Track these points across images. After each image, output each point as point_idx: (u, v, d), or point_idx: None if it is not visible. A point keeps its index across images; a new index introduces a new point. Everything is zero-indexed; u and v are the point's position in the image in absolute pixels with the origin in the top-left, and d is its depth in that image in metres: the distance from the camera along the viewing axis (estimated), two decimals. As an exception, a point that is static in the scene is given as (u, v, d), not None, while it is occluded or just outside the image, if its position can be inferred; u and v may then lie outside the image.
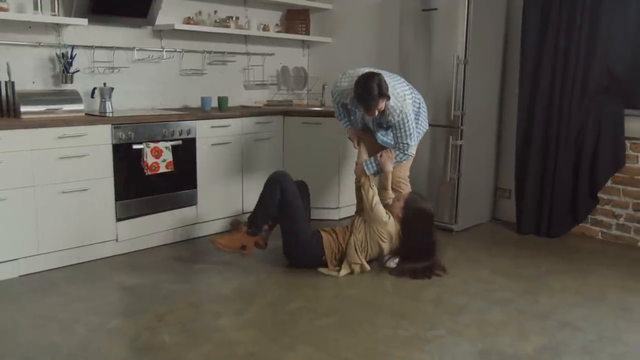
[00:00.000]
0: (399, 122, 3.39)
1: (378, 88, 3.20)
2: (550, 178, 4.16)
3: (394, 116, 3.37)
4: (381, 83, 3.22)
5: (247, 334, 2.63)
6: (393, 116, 3.37)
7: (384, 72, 3.39)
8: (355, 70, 3.45)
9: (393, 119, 3.38)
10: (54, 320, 2.75)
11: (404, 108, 3.36)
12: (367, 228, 3.40)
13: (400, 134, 3.44)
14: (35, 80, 3.68)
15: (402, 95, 3.39)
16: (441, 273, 3.42)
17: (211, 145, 4.02)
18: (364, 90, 3.24)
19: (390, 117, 3.38)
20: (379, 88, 3.20)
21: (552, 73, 4.07)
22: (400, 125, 3.40)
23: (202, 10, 4.43)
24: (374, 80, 3.21)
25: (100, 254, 3.57)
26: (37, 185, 3.24)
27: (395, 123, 3.39)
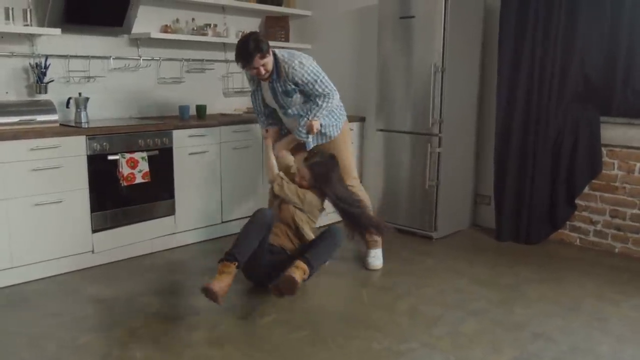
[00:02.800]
0: (308, 75, 3.32)
1: (254, 42, 3.19)
2: (529, 185, 4.17)
3: (302, 75, 3.31)
4: (258, 38, 3.23)
5: (220, 349, 2.61)
6: (297, 75, 3.31)
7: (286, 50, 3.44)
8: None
9: (302, 77, 3.32)
10: (24, 335, 2.71)
11: (309, 65, 3.34)
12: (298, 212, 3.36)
13: (314, 85, 3.35)
14: (8, 90, 3.64)
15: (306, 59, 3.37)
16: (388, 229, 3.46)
17: (189, 154, 3.99)
18: (240, 46, 3.26)
19: (296, 78, 3.32)
20: (255, 42, 3.19)
21: (529, 80, 4.09)
22: (311, 78, 3.33)
23: (179, 18, 4.40)
24: (250, 36, 3.25)
25: (75, 266, 3.53)
26: (9, 198, 3.20)
27: (304, 79, 3.32)
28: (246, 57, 3.24)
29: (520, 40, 4.08)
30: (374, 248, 3.74)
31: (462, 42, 4.20)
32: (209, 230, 4.22)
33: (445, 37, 4.04)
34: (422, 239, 4.35)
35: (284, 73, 3.33)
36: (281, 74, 3.34)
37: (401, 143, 4.38)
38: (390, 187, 4.52)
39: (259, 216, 3.08)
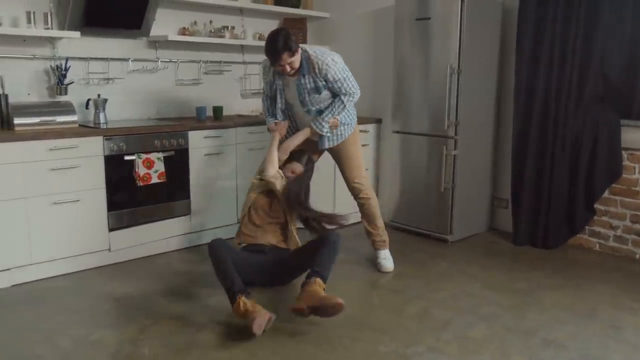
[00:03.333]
0: (340, 72, 3.33)
1: (283, 40, 3.15)
2: (546, 188, 4.11)
3: (335, 72, 3.31)
4: (288, 36, 3.18)
5: (226, 349, 2.64)
6: (330, 71, 3.30)
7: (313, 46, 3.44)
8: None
9: (334, 75, 3.32)
10: (40, 331, 2.79)
11: (340, 62, 3.35)
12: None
13: (343, 83, 3.36)
14: (30, 92, 3.74)
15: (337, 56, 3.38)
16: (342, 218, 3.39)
17: (204, 155, 4.04)
18: (269, 42, 3.23)
19: (328, 75, 3.31)
20: (284, 40, 3.15)
21: (547, 81, 4.03)
22: (342, 76, 3.34)
23: (197, 21, 4.46)
24: (279, 33, 3.21)
25: (92, 263, 3.61)
26: (28, 197, 3.29)
27: (336, 76, 3.32)
28: (274, 55, 3.21)
29: (539, 40, 4.01)
30: (382, 249, 3.74)
31: (479, 43, 4.15)
32: (225, 230, 4.25)
33: (461, 39, 4.00)
34: (437, 242, 4.32)
35: (316, 69, 3.30)
36: (312, 71, 3.32)
37: (417, 145, 4.36)
38: (406, 189, 4.50)
39: (216, 249, 3.00)
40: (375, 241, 3.73)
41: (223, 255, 2.96)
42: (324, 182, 4.46)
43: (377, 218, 3.72)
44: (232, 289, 2.83)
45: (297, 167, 3.45)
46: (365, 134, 4.67)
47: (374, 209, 3.70)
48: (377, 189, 4.93)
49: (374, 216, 3.71)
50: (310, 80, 3.35)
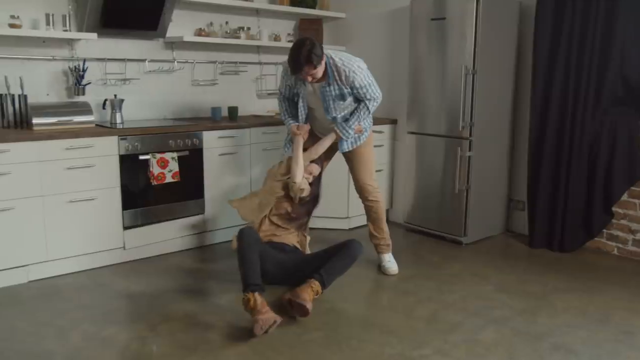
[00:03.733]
0: (365, 78, 3.33)
1: (306, 54, 3.09)
2: (563, 191, 4.04)
3: (361, 78, 3.31)
4: (311, 49, 3.10)
5: (233, 347, 2.67)
6: (356, 78, 3.30)
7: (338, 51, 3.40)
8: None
9: (361, 81, 3.31)
10: (53, 326, 2.85)
11: (365, 68, 3.36)
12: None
13: (368, 89, 3.36)
14: (49, 92, 3.83)
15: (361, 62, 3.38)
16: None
17: (219, 155, 4.08)
18: (292, 54, 3.18)
19: (355, 82, 3.30)
20: (307, 54, 3.09)
21: (564, 82, 3.96)
22: (367, 82, 3.34)
23: (213, 22, 4.50)
24: (303, 45, 3.12)
25: (107, 261, 3.68)
26: (45, 195, 3.36)
27: (362, 82, 3.31)
28: (295, 66, 3.19)
29: (556, 40, 3.95)
30: (386, 252, 3.74)
31: (496, 43, 4.10)
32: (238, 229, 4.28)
33: (476, 39, 3.96)
34: (451, 243, 4.29)
35: (342, 77, 3.28)
36: (338, 79, 3.30)
37: (431, 146, 4.33)
38: (420, 191, 4.47)
39: (246, 236, 3.09)
40: (379, 245, 3.72)
41: (252, 246, 3.05)
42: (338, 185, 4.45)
43: (383, 222, 3.72)
44: (248, 281, 2.88)
45: (315, 168, 3.49)
46: (381, 135, 4.66)
47: (381, 213, 3.70)
48: (391, 190, 4.91)
49: (380, 220, 3.70)
50: (336, 88, 3.34)
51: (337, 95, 3.36)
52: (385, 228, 3.75)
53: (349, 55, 3.38)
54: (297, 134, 3.46)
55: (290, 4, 4.82)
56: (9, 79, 3.58)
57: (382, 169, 4.76)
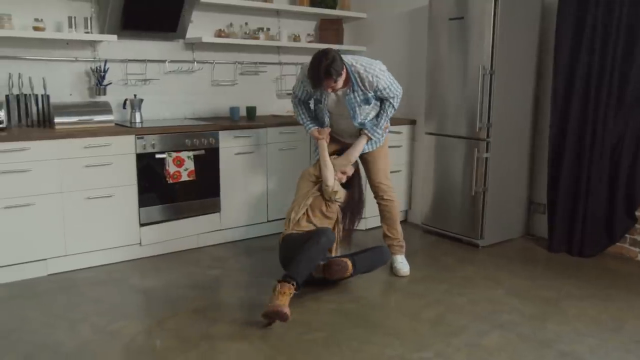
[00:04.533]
0: (387, 79, 3.38)
1: (325, 68, 3.11)
2: (584, 193, 3.93)
3: (384, 81, 3.36)
4: (331, 63, 3.12)
5: (234, 344, 2.70)
6: (380, 82, 3.34)
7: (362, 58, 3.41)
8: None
9: (384, 83, 3.36)
10: (65, 319, 2.95)
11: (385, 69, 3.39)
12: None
13: (391, 88, 3.40)
14: (72, 92, 3.96)
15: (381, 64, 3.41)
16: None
17: (234, 154, 4.13)
18: (312, 67, 3.20)
19: (379, 85, 3.35)
20: (326, 68, 3.12)
21: (586, 82, 3.86)
22: (389, 83, 3.39)
23: (233, 22, 4.56)
24: (323, 59, 3.13)
25: (124, 257, 3.78)
26: (64, 192, 3.48)
27: (385, 84, 3.36)
28: (314, 80, 3.22)
29: (578, 38, 3.85)
30: (399, 254, 3.72)
31: (515, 43, 4.02)
32: (255, 228, 4.34)
33: (494, 39, 3.90)
34: (468, 246, 4.23)
35: (366, 83, 3.32)
36: (361, 85, 3.34)
37: (449, 147, 4.28)
38: (438, 192, 4.43)
39: (325, 241, 3.11)
40: (392, 245, 3.71)
41: (324, 250, 3.12)
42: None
43: (397, 222, 3.71)
44: (291, 273, 2.96)
45: (349, 168, 3.54)
46: (399, 135, 4.63)
47: (395, 213, 3.70)
48: (410, 191, 4.88)
49: (394, 220, 3.70)
50: (360, 94, 3.38)
51: (362, 101, 3.40)
52: (399, 229, 3.74)
53: (369, 60, 3.40)
54: (320, 138, 3.50)
55: (310, 5, 4.84)
56: (33, 80, 3.73)
57: (400, 169, 4.73)
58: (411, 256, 4.02)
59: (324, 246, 3.12)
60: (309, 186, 3.47)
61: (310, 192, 3.43)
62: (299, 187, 3.52)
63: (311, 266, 3.07)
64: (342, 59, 3.22)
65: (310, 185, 3.47)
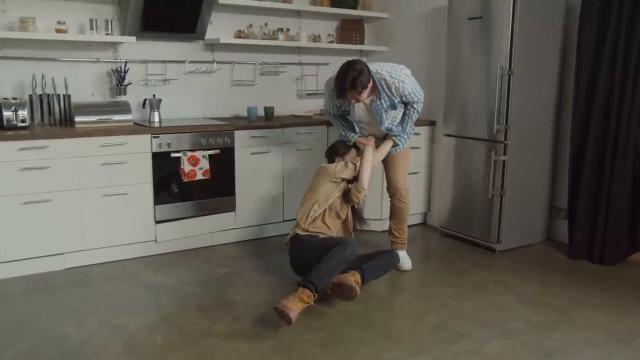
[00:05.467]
0: (412, 84, 3.42)
1: (351, 80, 3.18)
2: (605, 198, 3.80)
3: (410, 85, 3.41)
4: (357, 75, 3.18)
5: (233, 342, 2.74)
6: (406, 87, 3.39)
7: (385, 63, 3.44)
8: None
9: (409, 88, 3.41)
10: (75, 312, 3.05)
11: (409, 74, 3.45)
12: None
13: (415, 93, 3.45)
14: (94, 92, 4.08)
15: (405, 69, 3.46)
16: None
17: (250, 154, 4.18)
18: (338, 79, 3.26)
19: (405, 91, 3.40)
20: (352, 80, 3.18)
21: (609, 84, 3.72)
22: (413, 87, 3.43)
23: (253, 23, 4.60)
24: (349, 71, 3.20)
25: (139, 253, 3.88)
26: (81, 189, 3.59)
27: (410, 88, 3.41)
28: (340, 92, 3.30)
29: (602, 39, 3.72)
30: (402, 250, 3.79)
31: (536, 43, 3.92)
32: (271, 227, 4.38)
33: (513, 39, 3.80)
34: (485, 250, 4.15)
35: (393, 90, 3.38)
36: (387, 92, 3.39)
37: (466, 149, 4.21)
38: (456, 195, 4.36)
39: (350, 254, 3.09)
40: (396, 242, 3.80)
41: (345, 263, 3.08)
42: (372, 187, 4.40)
43: (405, 223, 3.77)
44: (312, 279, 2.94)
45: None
46: (418, 137, 4.58)
47: (407, 215, 3.75)
48: (428, 193, 4.81)
49: (404, 221, 3.75)
50: (386, 100, 3.44)
51: (388, 106, 3.47)
52: (406, 229, 3.80)
53: (393, 65, 3.46)
54: (368, 144, 3.56)
55: (330, 5, 4.83)
56: (55, 80, 3.87)
57: (419, 171, 4.68)
58: (425, 259, 3.99)
59: (349, 258, 3.10)
60: (330, 186, 3.45)
61: (333, 192, 3.42)
62: (317, 184, 3.49)
63: (332, 275, 3.05)
64: (369, 71, 3.28)
65: (331, 185, 3.45)
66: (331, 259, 3.01)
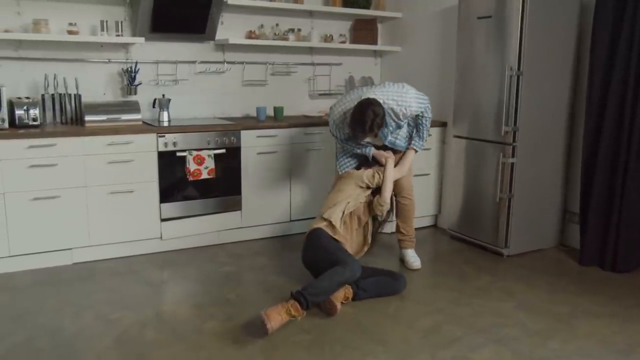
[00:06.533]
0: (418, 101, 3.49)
1: (370, 123, 3.26)
2: (618, 203, 3.66)
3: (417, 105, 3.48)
4: (375, 119, 3.26)
5: (220, 341, 2.75)
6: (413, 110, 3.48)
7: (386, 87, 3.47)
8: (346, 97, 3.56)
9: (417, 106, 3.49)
10: (74, 306, 3.13)
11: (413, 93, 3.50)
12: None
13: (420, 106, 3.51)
14: (105, 92, 4.19)
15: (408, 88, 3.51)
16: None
17: (257, 154, 4.20)
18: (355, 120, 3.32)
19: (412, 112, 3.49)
20: (371, 124, 3.26)
21: (623, 85, 3.58)
22: (419, 102, 3.49)
23: (265, 24, 4.63)
24: (366, 114, 3.26)
25: (144, 250, 3.95)
26: (88, 186, 3.69)
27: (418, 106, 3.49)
28: (359, 135, 3.39)
29: (616, 38, 3.58)
30: (411, 248, 3.84)
31: (548, 42, 3.80)
32: (277, 227, 4.39)
33: (523, 38, 3.70)
34: (492, 255, 4.05)
35: (400, 115, 3.46)
36: (394, 118, 3.47)
37: (475, 151, 4.12)
38: (464, 197, 4.27)
39: (349, 277, 3.08)
40: (405, 240, 3.85)
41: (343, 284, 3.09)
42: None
43: (412, 220, 3.85)
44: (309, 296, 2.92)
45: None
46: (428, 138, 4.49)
47: (413, 212, 3.83)
48: (439, 195, 4.73)
49: (410, 219, 3.83)
50: (393, 124, 3.53)
51: (394, 128, 3.57)
52: (413, 226, 3.85)
53: (396, 89, 3.50)
54: (389, 157, 3.58)
55: (342, 5, 4.81)
56: (67, 80, 3.98)
57: (429, 173, 4.61)
58: (430, 262, 3.94)
59: (347, 282, 3.11)
60: (356, 189, 3.48)
61: (359, 197, 3.46)
62: (344, 186, 3.51)
63: (328, 295, 3.03)
64: (384, 109, 3.33)
65: (358, 189, 3.48)
66: (329, 280, 3.02)
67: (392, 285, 3.34)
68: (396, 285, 3.35)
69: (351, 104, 3.43)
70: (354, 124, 3.34)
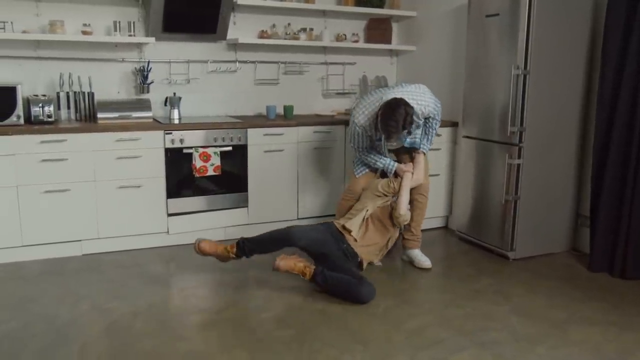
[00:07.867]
0: (433, 102, 3.57)
1: (403, 122, 3.29)
2: (628, 207, 3.51)
3: (433, 105, 3.57)
4: (407, 116, 3.30)
5: (202, 334, 2.81)
6: (431, 110, 3.56)
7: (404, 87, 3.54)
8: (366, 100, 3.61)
9: (433, 107, 3.57)
10: (75, 295, 3.26)
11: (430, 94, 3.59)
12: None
13: (434, 108, 3.58)
14: (119, 90, 4.33)
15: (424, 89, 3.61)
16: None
17: (264, 152, 4.25)
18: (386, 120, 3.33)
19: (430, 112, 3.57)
20: (404, 122, 3.30)
21: (635, 85, 3.44)
22: (434, 103, 3.58)
23: (277, 23, 4.67)
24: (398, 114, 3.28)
25: (151, 244, 4.06)
26: (97, 180, 3.83)
27: (434, 108, 3.58)
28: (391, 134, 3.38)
29: (627, 37, 3.44)
30: (417, 248, 3.83)
31: (557, 41, 3.69)
32: (284, 225, 4.40)
33: (530, 37, 3.61)
34: (498, 258, 3.97)
35: (420, 114, 3.51)
36: (415, 118, 3.48)
37: (483, 152, 4.05)
38: (473, 199, 4.20)
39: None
40: (412, 241, 3.84)
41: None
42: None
43: (423, 219, 3.86)
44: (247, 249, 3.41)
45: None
46: (439, 138, 4.45)
47: (424, 210, 3.83)
48: (450, 196, 4.66)
49: (422, 216, 3.84)
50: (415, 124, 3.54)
51: (414, 129, 3.59)
52: (421, 225, 3.86)
53: (414, 89, 3.58)
54: (409, 171, 3.67)
55: (355, 4, 4.80)
56: (82, 79, 4.14)
57: (439, 173, 4.55)
58: (434, 264, 3.88)
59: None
60: (374, 199, 3.63)
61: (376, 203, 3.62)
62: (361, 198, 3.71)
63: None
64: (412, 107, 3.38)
65: (376, 198, 3.63)
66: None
67: (354, 289, 3.17)
68: (360, 290, 3.16)
69: (373, 106, 3.47)
70: (387, 124, 3.32)
